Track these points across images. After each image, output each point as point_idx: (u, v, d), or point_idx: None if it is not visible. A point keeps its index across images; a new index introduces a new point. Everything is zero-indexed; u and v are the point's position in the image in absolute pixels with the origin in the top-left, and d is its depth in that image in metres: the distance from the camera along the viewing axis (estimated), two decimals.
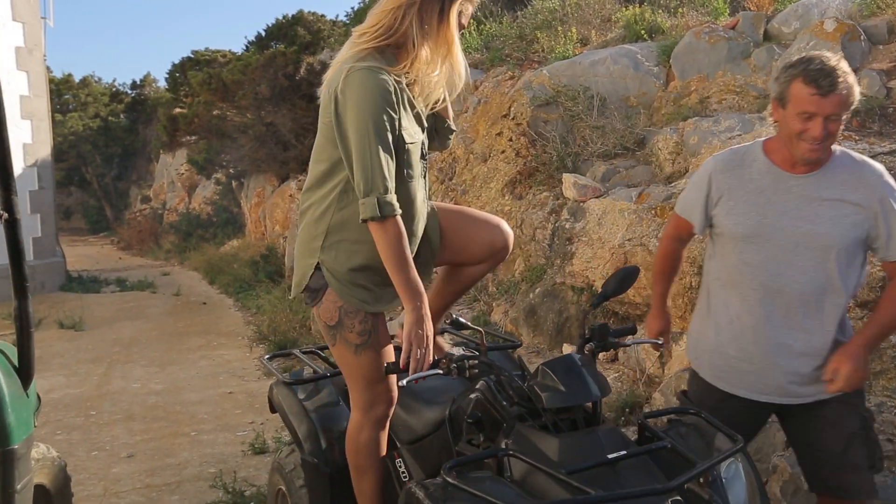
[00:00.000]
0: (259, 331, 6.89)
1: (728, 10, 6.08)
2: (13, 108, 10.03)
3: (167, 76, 17.69)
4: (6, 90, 9.55)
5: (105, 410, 4.99)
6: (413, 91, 1.92)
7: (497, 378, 1.91)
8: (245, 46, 15.02)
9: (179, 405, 5.05)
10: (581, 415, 1.77)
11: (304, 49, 12.16)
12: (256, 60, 10.76)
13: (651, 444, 1.73)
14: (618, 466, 1.65)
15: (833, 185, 1.98)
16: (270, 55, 10.79)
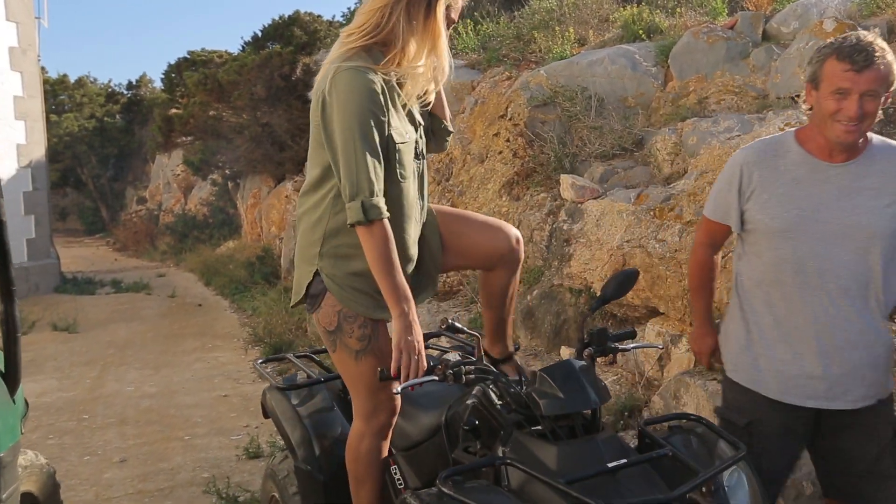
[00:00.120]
0: (255, 333, 6.85)
1: (726, 10, 6.05)
2: (7, 109, 9.98)
3: (163, 77, 17.64)
4: None
5: (98, 414, 4.94)
6: (404, 88, 1.89)
7: (494, 384, 1.88)
8: (241, 47, 14.99)
9: (173, 408, 5.00)
10: (580, 422, 1.73)
11: (301, 49, 12.10)
12: (252, 61, 10.71)
13: (652, 452, 1.70)
14: (618, 475, 1.62)
15: (872, 174, 1.89)
16: (266, 55, 10.74)
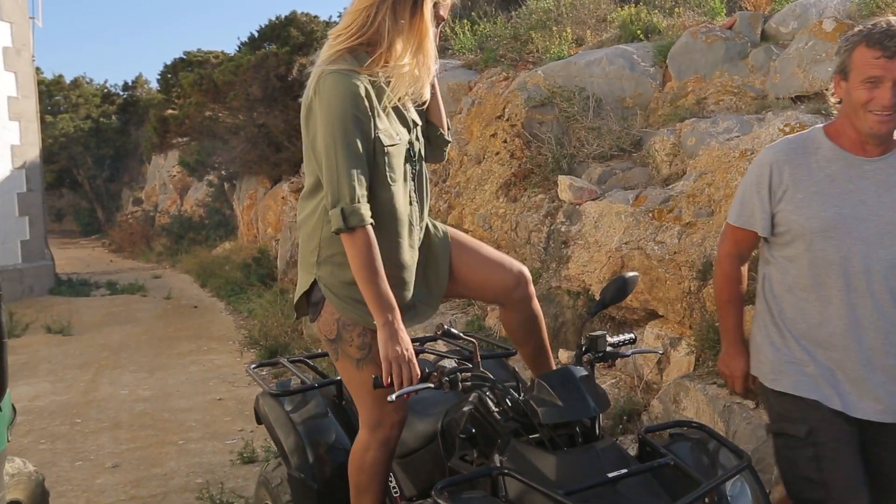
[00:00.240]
0: (250, 335, 6.80)
1: (725, 10, 6.01)
2: (1, 110, 9.91)
3: (159, 77, 17.55)
4: None
5: (91, 418, 4.89)
6: (391, 87, 1.85)
7: (491, 391, 1.83)
8: (237, 47, 14.92)
9: (167, 412, 4.95)
10: (579, 430, 1.69)
11: (298, 50, 12.04)
12: (248, 61, 10.65)
13: (653, 462, 1.66)
14: (618, 485, 1.58)
15: None
16: (262, 56, 10.68)
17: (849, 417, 1.83)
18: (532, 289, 2.11)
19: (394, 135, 1.85)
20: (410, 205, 1.93)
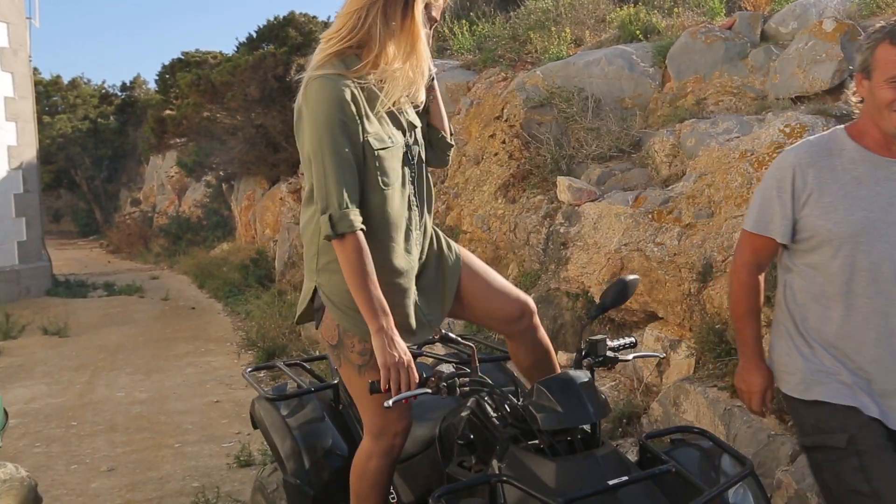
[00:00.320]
0: (248, 337, 6.77)
1: (724, 10, 5.99)
2: None
3: (157, 78, 17.52)
4: None
5: (87, 421, 4.86)
6: (384, 91, 1.83)
7: (489, 396, 1.81)
8: (235, 48, 14.89)
9: (164, 415, 4.92)
10: (579, 436, 1.66)
11: (296, 50, 12.01)
12: (246, 62, 10.62)
13: (654, 469, 1.63)
14: (619, 493, 1.55)
15: None
16: (260, 56, 10.65)
17: (885, 427, 1.75)
18: (537, 320, 2.09)
19: (385, 138, 1.82)
20: (410, 209, 1.90)
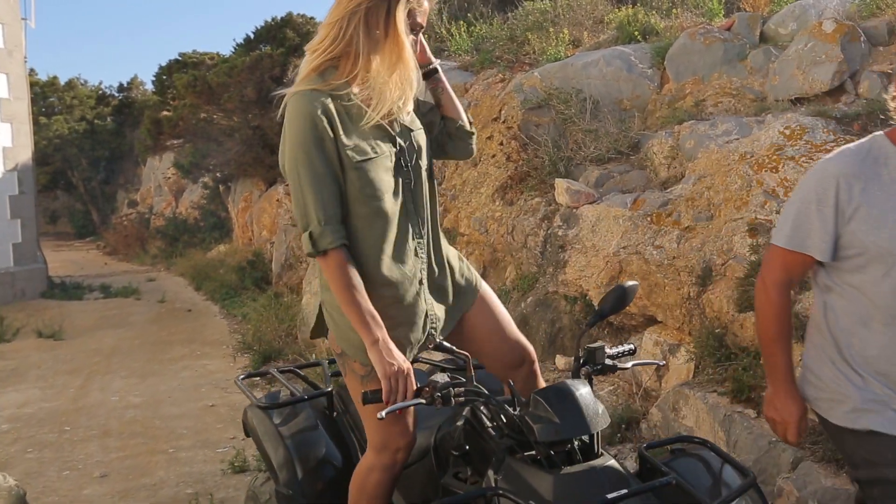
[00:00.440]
0: (244, 340, 6.72)
1: (723, 11, 5.96)
2: None
3: (154, 79, 17.47)
4: None
5: (80, 426, 4.80)
6: (371, 105, 1.79)
7: (485, 405, 1.76)
8: (232, 49, 14.83)
9: (158, 419, 4.87)
10: (577, 447, 1.62)
11: (293, 51, 11.96)
12: (242, 63, 10.57)
13: (655, 481, 1.59)
14: None
15: None
16: (257, 57, 10.61)
17: None
18: (537, 368, 2.06)
19: (368, 149, 1.77)
20: (405, 218, 1.85)
